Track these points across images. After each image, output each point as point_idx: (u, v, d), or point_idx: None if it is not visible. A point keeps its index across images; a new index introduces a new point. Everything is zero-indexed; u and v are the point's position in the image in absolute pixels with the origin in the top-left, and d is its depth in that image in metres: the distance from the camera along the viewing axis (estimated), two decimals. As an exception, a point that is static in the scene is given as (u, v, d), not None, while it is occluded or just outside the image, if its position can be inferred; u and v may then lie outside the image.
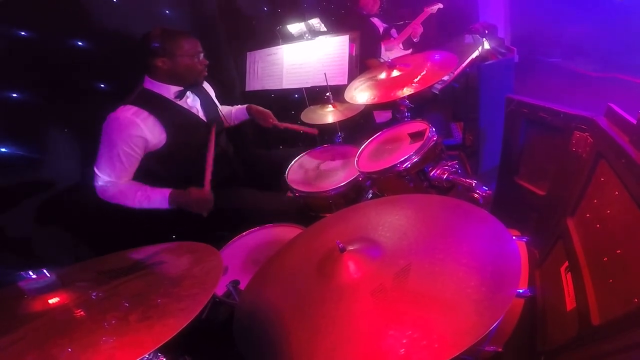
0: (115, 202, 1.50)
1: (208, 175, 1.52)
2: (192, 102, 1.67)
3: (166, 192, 1.52)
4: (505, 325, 0.99)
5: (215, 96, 1.92)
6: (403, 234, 0.83)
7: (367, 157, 1.47)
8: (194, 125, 1.65)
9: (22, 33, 1.44)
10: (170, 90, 1.58)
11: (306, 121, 1.96)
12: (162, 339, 0.58)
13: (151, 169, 1.57)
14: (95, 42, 1.66)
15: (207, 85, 1.86)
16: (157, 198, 1.51)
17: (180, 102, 1.61)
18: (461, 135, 2.72)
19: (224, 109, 2.02)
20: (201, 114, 1.69)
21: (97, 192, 1.50)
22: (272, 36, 2.54)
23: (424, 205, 0.96)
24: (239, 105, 2.05)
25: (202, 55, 1.60)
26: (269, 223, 1.47)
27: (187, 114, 1.63)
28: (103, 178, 1.49)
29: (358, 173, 1.44)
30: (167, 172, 1.61)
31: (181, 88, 1.60)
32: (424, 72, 1.49)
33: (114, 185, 1.50)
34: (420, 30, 2.98)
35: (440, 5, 3.12)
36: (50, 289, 0.68)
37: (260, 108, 1.98)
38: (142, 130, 1.46)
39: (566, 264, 1.05)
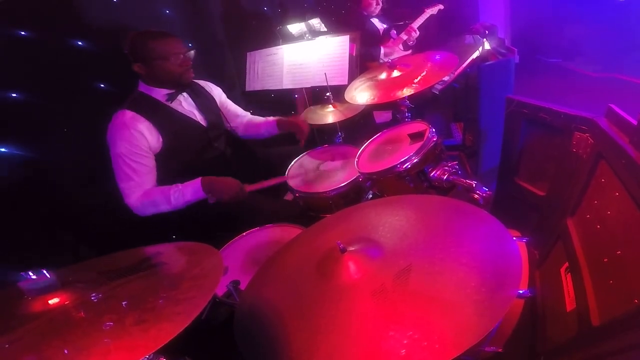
0: (151, 214, 1.48)
1: (259, 186, 1.52)
2: (188, 106, 1.64)
3: (197, 181, 1.48)
4: (505, 325, 0.99)
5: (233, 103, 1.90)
6: (403, 235, 0.83)
7: (367, 158, 1.47)
8: (191, 130, 1.63)
9: (22, 33, 1.44)
10: (161, 93, 1.55)
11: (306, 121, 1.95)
12: (157, 345, 0.57)
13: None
14: (95, 42, 1.66)
15: (212, 89, 1.82)
16: (189, 190, 1.47)
17: (174, 106, 1.58)
18: (461, 135, 2.72)
19: (253, 119, 1.93)
20: (199, 118, 1.66)
21: (133, 209, 1.47)
22: (272, 36, 2.54)
23: (424, 205, 0.96)
24: (271, 117, 1.93)
25: (182, 55, 1.52)
26: (269, 223, 1.47)
27: (183, 118, 1.60)
28: (130, 188, 1.45)
29: (358, 174, 1.44)
30: (167, 175, 1.59)
31: (171, 90, 1.56)
32: (424, 73, 1.49)
33: (145, 196, 1.47)
34: (417, 34, 2.98)
35: (441, 7, 3.12)
36: (50, 290, 0.68)
37: (290, 119, 1.87)
38: (142, 132, 1.45)
39: (566, 264, 1.06)
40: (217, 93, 1.85)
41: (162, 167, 1.57)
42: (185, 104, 1.63)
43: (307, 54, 2.23)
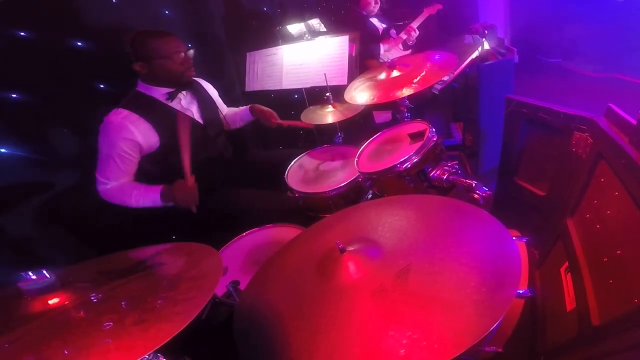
0: (117, 202, 1.51)
1: (186, 167, 1.45)
2: (187, 104, 1.64)
3: (158, 189, 1.50)
4: (505, 325, 0.99)
5: (219, 97, 1.91)
6: (403, 235, 0.83)
7: (367, 158, 1.47)
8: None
9: (22, 33, 1.44)
10: (160, 92, 1.56)
11: (306, 121, 1.95)
12: (156, 344, 0.57)
13: (146, 170, 1.57)
14: (95, 42, 1.66)
15: (208, 86, 1.84)
16: (150, 196, 1.50)
17: (173, 104, 1.58)
18: (461, 135, 2.72)
19: (230, 111, 1.99)
20: (197, 116, 1.66)
21: (100, 194, 1.51)
22: (272, 36, 2.54)
23: (424, 205, 0.96)
24: (243, 107, 2.02)
25: (183, 54, 1.55)
26: (269, 223, 1.47)
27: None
28: (104, 181, 1.50)
29: (358, 173, 1.44)
30: (162, 174, 1.59)
31: (171, 89, 1.57)
32: (424, 73, 1.49)
33: (114, 187, 1.50)
34: (416, 33, 2.98)
35: (440, 6, 3.12)
36: (50, 290, 0.68)
37: (263, 108, 1.95)
38: (134, 134, 1.45)
39: (566, 264, 1.06)
40: (214, 92, 1.87)
41: (160, 166, 1.57)
42: (184, 102, 1.63)
43: (307, 54, 2.22)
